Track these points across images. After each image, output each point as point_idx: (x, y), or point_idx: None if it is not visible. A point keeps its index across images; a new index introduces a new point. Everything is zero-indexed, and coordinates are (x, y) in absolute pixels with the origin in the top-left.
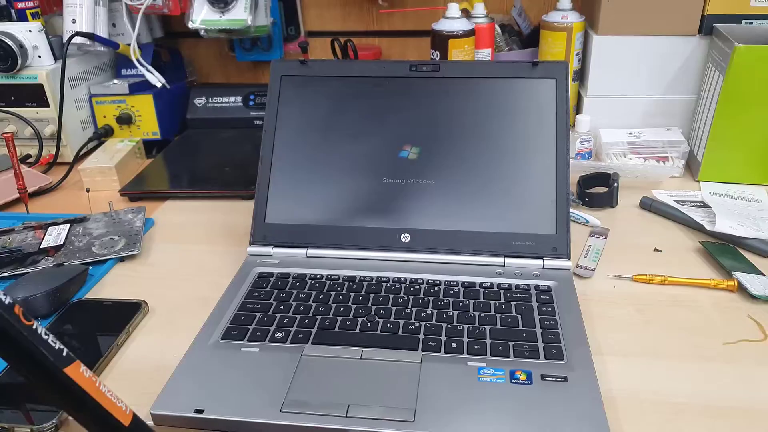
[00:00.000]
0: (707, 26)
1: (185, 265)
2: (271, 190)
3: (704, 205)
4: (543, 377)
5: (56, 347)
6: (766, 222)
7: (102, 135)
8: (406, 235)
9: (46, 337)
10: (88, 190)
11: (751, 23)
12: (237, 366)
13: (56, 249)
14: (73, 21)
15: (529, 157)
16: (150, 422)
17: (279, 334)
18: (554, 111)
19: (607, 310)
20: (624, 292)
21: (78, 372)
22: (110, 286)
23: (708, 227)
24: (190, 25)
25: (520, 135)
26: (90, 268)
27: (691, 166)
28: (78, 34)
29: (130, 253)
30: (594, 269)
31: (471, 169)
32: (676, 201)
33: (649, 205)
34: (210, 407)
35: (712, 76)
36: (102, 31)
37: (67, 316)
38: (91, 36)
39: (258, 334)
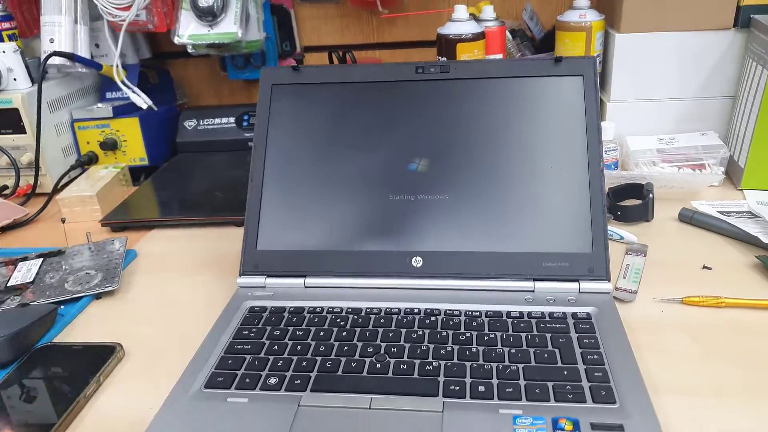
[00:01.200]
0: (743, 18)
1: (169, 300)
2: (263, 213)
3: (752, 215)
4: (593, 426)
5: None
6: None
7: (85, 162)
8: (418, 258)
9: None
10: (63, 221)
11: None
12: (222, 420)
13: (26, 286)
14: (51, 41)
15: (556, 165)
16: None
17: (272, 380)
18: (582, 112)
19: (657, 339)
20: (674, 318)
21: None
22: (83, 328)
23: (764, 239)
24: (177, 40)
25: (544, 141)
26: (62, 307)
27: (732, 174)
28: (56, 54)
29: (107, 289)
30: (636, 291)
31: (490, 182)
32: (719, 212)
33: (689, 218)
34: None
35: (754, 71)
36: (83, 51)
37: (30, 363)
38: (71, 56)
39: (247, 380)
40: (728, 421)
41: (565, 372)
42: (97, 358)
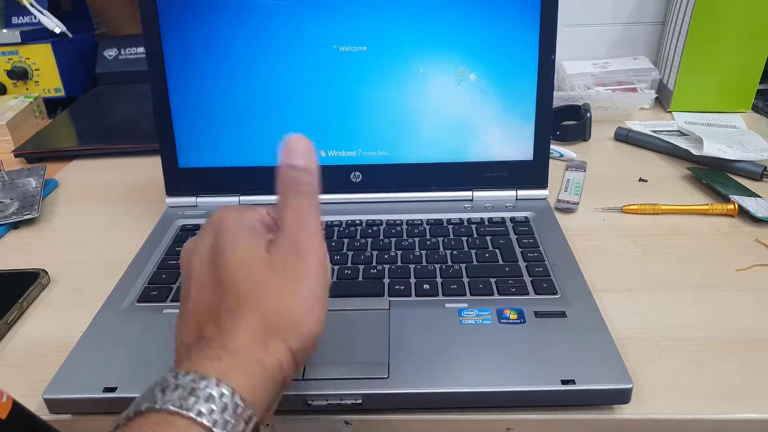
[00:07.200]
0: None
1: (96, 227)
2: (178, 127)
3: (681, 134)
4: (537, 314)
5: None
6: (752, 144)
7: None
8: (357, 173)
9: None
10: None
11: None
12: (158, 332)
13: None
14: None
15: (502, 66)
16: (44, 410)
17: None
18: (538, 4)
19: (600, 244)
20: (615, 225)
21: None
22: (1, 257)
23: (695, 152)
24: None
25: (491, 37)
26: None
27: (662, 98)
28: None
29: (26, 217)
30: (577, 203)
31: (428, 86)
32: (652, 131)
33: (625, 136)
34: (124, 384)
35: None
36: None
37: None
38: None
39: None
40: (668, 314)
41: (507, 269)
42: (19, 285)
